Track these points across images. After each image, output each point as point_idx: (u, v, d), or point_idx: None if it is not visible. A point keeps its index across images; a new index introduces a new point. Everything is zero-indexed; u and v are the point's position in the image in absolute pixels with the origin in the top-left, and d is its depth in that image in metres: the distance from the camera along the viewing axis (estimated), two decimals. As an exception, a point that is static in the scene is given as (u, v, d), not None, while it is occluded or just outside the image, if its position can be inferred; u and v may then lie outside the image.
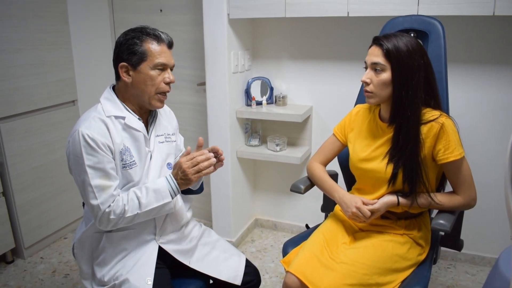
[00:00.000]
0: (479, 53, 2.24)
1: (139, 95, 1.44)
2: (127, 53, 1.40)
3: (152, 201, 1.39)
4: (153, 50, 1.40)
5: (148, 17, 2.87)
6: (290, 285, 1.46)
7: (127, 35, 1.42)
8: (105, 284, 1.46)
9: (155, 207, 1.40)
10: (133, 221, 1.41)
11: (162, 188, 1.41)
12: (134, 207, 1.38)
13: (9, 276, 2.49)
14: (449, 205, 1.51)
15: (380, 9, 2.06)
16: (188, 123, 2.98)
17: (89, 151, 1.34)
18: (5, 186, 2.49)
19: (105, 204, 1.36)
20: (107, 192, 1.36)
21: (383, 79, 1.45)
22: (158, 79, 1.42)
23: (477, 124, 2.33)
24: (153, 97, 1.44)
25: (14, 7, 2.38)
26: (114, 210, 1.36)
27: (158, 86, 1.43)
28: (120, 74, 1.43)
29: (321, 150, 1.77)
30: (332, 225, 1.67)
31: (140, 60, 1.40)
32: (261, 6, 2.30)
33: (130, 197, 1.39)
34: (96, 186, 1.35)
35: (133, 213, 1.38)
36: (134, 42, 1.40)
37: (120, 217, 1.37)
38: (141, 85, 1.42)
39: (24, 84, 2.49)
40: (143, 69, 1.40)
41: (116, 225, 1.40)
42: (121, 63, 1.41)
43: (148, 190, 1.41)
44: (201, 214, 3.10)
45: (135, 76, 1.41)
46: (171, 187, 1.42)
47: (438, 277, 2.43)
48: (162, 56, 1.42)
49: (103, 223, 1.38)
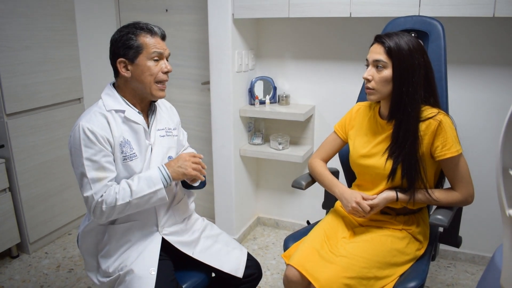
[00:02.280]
0: (479, 54, 2.26)
1: (139, 87, 1.49)
2: (124, 48, 1.45)
3: (143, 187, 1.42)
4: (148, 42, 1.46)
5: (154, 17, 2.90)
6: (291, 278, 1.49)
7: (121, 32, 1.47)
8: (110, 275, 1.50)
9: (147, 194, 1.43)
10: (126, 211, 1.43)
11: (154, 175, 1.45)
12: (126, 195, 1.41)
13: (14, 270, 2.52)
14: (447, 201, 1.53)
15: (382, 10, 2.08)
16: (193, 122, 3.01)
17: (88, 144, 1.39)
18: (11, 182, 2.53)
19: (98, 194, 1.39)
20: (101, 183, 1.40)
21: (385, 76, 1.48)
22: (156, 69, 1.48)
23: (476, 123, 2.34)
24: (153, 87, 1.49)
25: (22, 5, 2.43)
26: (105, 200, 1.39)
27: (156, 76, 1.48)
28: (119, 70, 1.48)
29: (322, 147, 1.80)
30: (333, 220, 1.70)
31: (137, 53, 1.45)
32: (265, 6, 2.33)
33: (122, 186, 1.42)
34: (92, 178, 1.39)
35: (124, 201, 1.40)
36: (129, 37, 1.45)
37: (112, 207, 1.39)
38: (140, 77, 1.47)
39: (31, 81, 2.53)
40: (140, 62, 1.46)
41: (110, 216, 1.42)
42: (119, 59, 1.46)
43: (140, 178, 1.45)
44: (204, 212, 3.13)
45: (134, 70, 1.47)
46: (163, 175, 1.46)
47: (438, 276, 2.45)
48: (157, 47, 1.47)
49: (96, 214, 1.41)
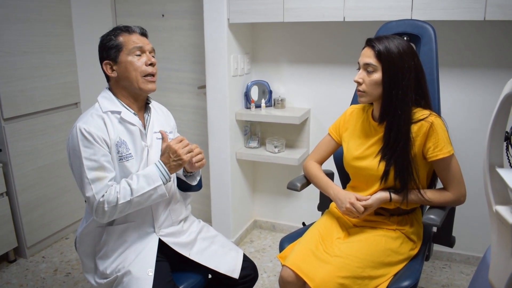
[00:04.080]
0: (471, 56, 2.28)
1: (128, 85, 1.53)
2: (106, 50, 1.51)
3: (143, 185, 1.44)
4: (126, 39, 1.51)
5: (150, 22, 2.93)
6: (286, 278, 1.50)
7: (102, 37, 1.54)
8: (107, 276, 1.51)
9: (147, 191, 1.44)
10: (128, 209, 1.45)
11: (152, 173, 1.47)
12: (126, 194, 1.42)
13: (11, 274, 2.53)
14: (439, 201, 1.55)
15: (375, 14, 2.11)
16: (189, 126, 3.02)
17: (86, 144, 1.42)
18: (8, 186, 2.54)
19: (99, 194, 1.41)
20: (102, 183, 1.42)
21: (375, 79, 1.51)
22: (139, 63, 1.50)
23: (468, 124, 2.36)
24: (141, 81, 1.51)
25: (20, 11, 2.45)
26: (107, 200, 1.41)
27: (141, 69, 1.51)
28: (106, 72, 1.53)
29: (317, 149, 1.82)
30: (327, 221, 1.72)
31: (118, 51, 1.50)
32: (260, 11, 2.36)
33: (122, 185, 1.44)
34: (92, 178, 1.41)
35: (125, 200, 1.42)
36: (109, 39, 1.51)
37: (113, 206, 1.41)
38: (125, 74, 1.50)
39: (28, 86, 2.55)
40: (122, 59, 1.50)
41: (112, 215, 1.44)
42: (104, 61, 1.52)
43: (138, 176, 1.46)
44: (201, 215, 3.13)
45: (118, 68, 1.51)
46: (161, 171, 1.47)
47: (433, 277, 2.47)
48: (136, 42, 1.51)
49: (99, 214, 1.43)
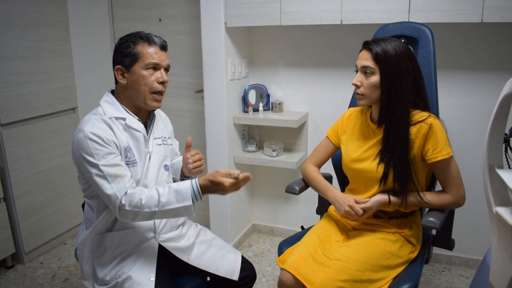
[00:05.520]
0: (468, 58, 2.29)
1: (134, 96, 1.50)
2: (121, 56, 1.48)
3: (172, 200, 1.39)
4: (145, 52, 1.47)
5: (147, 27, 2.91)
6: (285, 282, 1.49)
7: (122, 40, 1.50)
8: (107, 283, 1.49)
9: (174, 208, 1.39)
10: (150, 218, 1.42)
11: (184, 190, 1.40)
12: (153, 204, 1.38)
13: (9, 281, 2.51)
14: (438, 204, 1.55)
15: (372, 16, 2.11)
16: (186, 130, 3.02)
17: (97, 146, 1.38)
18: (6, 192, 2.52)
19: (121, 191, 1.37)
20: (121, 181, 1.39)
21: (373, 81, 1.50)
22: (151, 78, 1.47)
23: (467, 126, 2.36)
24: (148, 97, 1.49)
25: (17, 16, 2.45)
26: (130, 201, 1.37)
27: (151, 86, 1.48)
28: (116, 77, 1.50)
29: (315, 152, 1.82)
30: (326, 224, 1.71)
31: (133, 61, 1.46)
32: (257, 14, 2.36)
33: (151, 193, 1.39)
34: (110, 175, 1.37)
35: (150, 210, 1.38)
36: (128, 45, 1.47)
37: (136, 210, 1.37)
38: (135, 85, 1.47)
39: (25, 91, 2.54)
40: (136, 70, 1.46)
41: (135, 218, 1.40)
42: (117, 65, 1.49)
43: (170, 188, 1.41)
44: (199, 220, 3.12)
45: (129, 77, 1.48)
46: (193, 191, 1.40)
47: (432, 280, 2.46)
48: (153, 57, 1.47)
49: (122, 214, 1.39)
